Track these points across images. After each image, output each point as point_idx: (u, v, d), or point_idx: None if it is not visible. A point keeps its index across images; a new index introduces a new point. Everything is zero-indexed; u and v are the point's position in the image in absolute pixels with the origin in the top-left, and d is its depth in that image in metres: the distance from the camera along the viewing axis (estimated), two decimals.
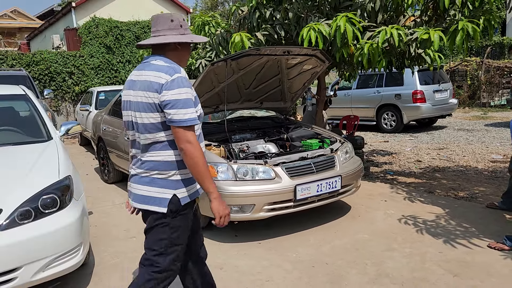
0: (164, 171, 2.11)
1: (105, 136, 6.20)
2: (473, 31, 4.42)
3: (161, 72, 2.04)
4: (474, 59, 15.82)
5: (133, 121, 2.15)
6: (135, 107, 2.11)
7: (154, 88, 2.02)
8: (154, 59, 2.12)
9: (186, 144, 2.00)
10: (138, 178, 2.16)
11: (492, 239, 3.71)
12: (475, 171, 6.26)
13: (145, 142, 2.11)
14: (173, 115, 1.98)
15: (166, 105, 1.99)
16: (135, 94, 2.11)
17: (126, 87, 2.22)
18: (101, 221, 4.68)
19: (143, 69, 2.12)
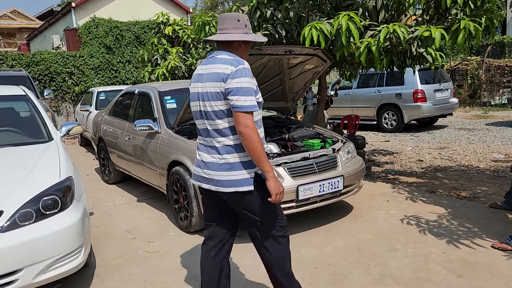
0: (241, 153, 2.33)
1: (106, 137, 6.19)
2: (475, 30, 4.40)
3: (227, 64, 2.27)
4: (475, 58, 15.80)
5: (202, 110, 2.38)
6: (204, 97, 2.35)
7: (221, 78, 2.25)
8: (219, 54, 2.37)
9: (244, 128, 2.20)
10: (219, 165, 2.35)
11: (495, 239, 3.69)
12: (477, 171, 6.24)
13: (216, 127, 2.34)
14: (235, 101, 2.21)
15: (230, 92, 2.22)
16: (203, 86, 2.36)
17: (193, 80, 2.47)
18: (102, 221, 4.66)
19: (209, 63, 2.37)
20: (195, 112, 2.46)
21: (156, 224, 4.50)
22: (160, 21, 10.35)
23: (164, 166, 4.47)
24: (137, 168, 5.28)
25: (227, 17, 2.39)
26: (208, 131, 2.38)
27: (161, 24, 10.32)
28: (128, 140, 5.38)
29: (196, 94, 2.42)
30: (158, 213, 4.85)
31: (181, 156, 4.20)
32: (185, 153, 4.18)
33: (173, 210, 4.43)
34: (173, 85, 5.50)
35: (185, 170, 4.11)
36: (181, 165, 4.20)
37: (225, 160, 2.33)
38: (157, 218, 4.70)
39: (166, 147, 4.50)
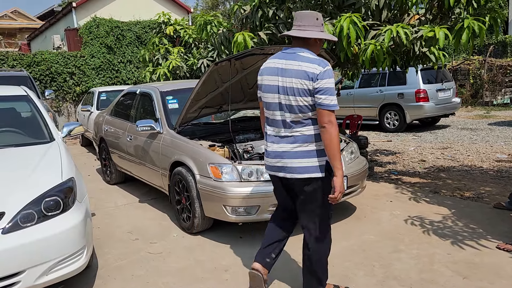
0: (316, 142, 2.53)
1: (107, 137, 6.16)
2: (479, 29, 4.37)
3: (314, 64, 2.44)
4: (477, 58, 15.76)
5: (282, 103, 2.54)
6: (288, 91, 2.50)
7: (310, 77, 2.42)
8: (301, 51, 2.52)
9: (328, 124, 2.41)
10: (294, 153, 2.54)
11: (500, 240, 3.66)
12: (480, 171, 6.21)
13: (295, 119, 2.53)
14: (323, 100, 2.41)
15: (319, 91, 2.41)
16: (285, 80, 2.51)
17: (268, 72, 2.61)
18: (104, 222, 4.64)
19: (291, 59, 2.51)
20: (270, 103, 2.61)
21: (158, 225, 4.48)
22: (161, 21, 10.33)
23: (166, 166, 4.45)
24: (138, 168, 5.26)
25: (306, 15, 2.54)
26: (286, 122, 2.56)
27: (162, 24, 10.29)
28: (130, 141, 5.35)
29: (274, 87, 2.57)
30: (160, 214, 4.83)
31: (183, 157, 4.17)
32: (187, 153, 4.16)
33: (175, 211, 4.41)
34: (175, 85, 5.48)
35: (187, 171, 4.09)
36: (183, 166, 4.17)
37: (302, 148, 2.53)
38: (159, 219, 4.68)
39: (168, 147, 4.48)
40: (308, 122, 2.53)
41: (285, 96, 2.52)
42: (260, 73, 2.70)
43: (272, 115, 2.63)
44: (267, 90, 2.63)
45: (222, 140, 4.47)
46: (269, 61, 2.67)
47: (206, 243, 3.94)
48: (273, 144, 2.64)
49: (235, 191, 3.69)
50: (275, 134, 2.63)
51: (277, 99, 2.57)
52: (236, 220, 3.83)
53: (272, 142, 2.66)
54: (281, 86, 2.54)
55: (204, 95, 4.42)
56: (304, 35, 2.50)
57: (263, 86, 2.67)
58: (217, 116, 5.24)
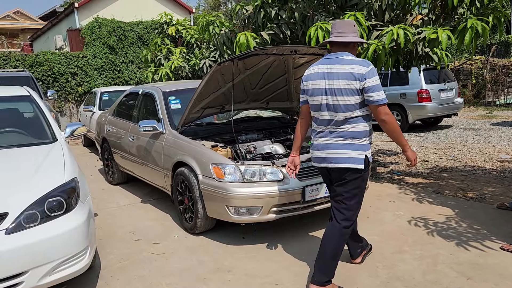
0: (358, 138, 2.81)
1: (110, 137, 6.17)
2: (483, 29, 4.36)
3: (358, 65, 2.71)
4: (479, 58, 15.72)
5: (330, 103, 2.80)
6: (335, 92, 2.77)
7: (356, 77, 2.69)
8: (343, 55, 2.80)
9: (386, 116, 2.73)
10: (340, 145, 2.82)
11: (504, 240, 3.65)
12: (483, 171, 6.19)
13: (342, 118, 2.79)
14: (375, 97, 2.69)
15: (369, 89, 2.69)
16: (332, 83, 2.77)
17: (315, 77, 2.86)
18: (107, 222, 4.64)
19: (336, 63, 2.78)
20: (317, 105, 2.88)
21: (160, 226, 4.48)
22: (163, 21, 10.33)
23: (169, 167, 4.44)
24: (141, 169, 5.26)
25: (345, 23, 2.87)
26: (333, 120, 2.83)
27: (164, 24, 10.29)
28: (132, 141, 5.35)
29: (321, 90, 2.83)
30: (162, 214, 4.82)
31: (185, 157, 4.17)
32: (189, 154, 4.15)
33: (178, 211, 4.41)
34: (177, 85, 5.47)
35: (190, 171, 4.08)
36: (186, 166, 4.17)
37: (347, 142, 2.81)
38: (161, 219, 4.68)
39: (171, 148, 4.48)
40: (354, 120, 2.78)
41: (332, 97, 2.78)
42: (305, 79, 2.96)
43: (320, 115, 2.89)
44: (312, 93, 2.89)
45: (224, 140, 4.47)
46: (313, 67, 2.93)
47: (209, 244, 3.93)
48: (320, 138, 2.92)
49: (237, 192, 3.69)
50: (322, 130, 2.91)
51: (324, 100, 2.83)
52: (239, 220, 3.82)
53: (319, 137, 2.93)
54: (328, 88, 2.79)
55: (206, 95, 4.41)
56: (346, 39, 2.79)
57: (309, 90, 2.92)
58: (220, 117, 5.23)
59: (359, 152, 2.80)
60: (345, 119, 2.79)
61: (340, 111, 2.78)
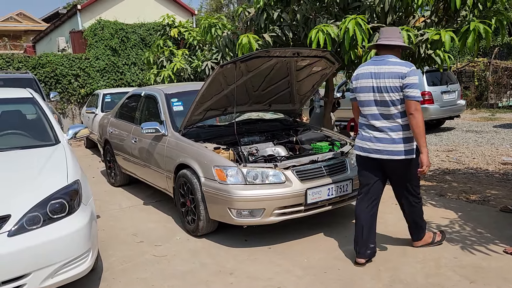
0: (406, 131, 3.17)
1: (112, 139, 6.17)
2: (485, 31, 4.35)
3: (402, 66, 3.12)
4: (482, 60, 15.69)
5: (378, 99, 3.19)
6: (382, 90, 3.16)
7: (399, 76, 3.08)
8: (389, 57, 3.20)
9: (416, 112, 3.06)
10: (391, 139, 3.19)
11: (507, 244, 3.63)
12: (486, 174, 6.17)
13: (389, 112, 3.18)
14: (411, 93, 3.07)
15: (407, 86, 3.07)
16: (379, 81, 3.17)
17: (364, 77, 3.25)
18: (109, 224, 4.64)
19: (383, 64, 3.18)
20: (366, 101, 3.26)
21: (163, 228, 4.47)
22: (165, 23, 10.35)
23: (171, 169, 4.44)
24: (143, 171, 5.26)
25: (391, 30, 3.30)
26: (382, 114, 3.21)
27: (167, 26, 10.32)
28: (135, 143, 5.36)
29: (369, 87, 3.23)
30: (164, 216, 4.82)
31: (188, 159, 4.17)
32: (192, 156, 4.15)
33: (180, 214, 4.40)
34: (180, 87, 5.48)
35: (192, 173, 4.08)
36: (188, 168, 4.16)
37: (395, 136, 3.18)
38: (163, 221, 4.68)
39: (173, 150, 4.48)
40: (399, 114, 3.17)
41: (380, 94, 3.18)
42: (355, 78, 3.34)
43: (368, 110, 3.27)
44: (362, 91, 3.28)
45: (227, 142, 4.46)
46: (361, 68, 3.32)
47: (211, 246, 3.93)
48: (369, 131, 3.28)
49: (240, 194, 3.68)
50: (371, 124, 3.27)
51: (372, 97, 3.23)
52: (241, 223, 3.82)
53: (368, 130, 3.30)
54: (375, 86, 3.20)
55: (209, 98, 4.41)
56: (393, 43, 3.22)
57: (358, 88, 3.32)
58: (222, 119, 5.24)
59: (410, 144, 3.20)
60: (392, 114, 3.17)
61: (387, 106, 3.17)
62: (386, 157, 3.22)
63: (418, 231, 3.61)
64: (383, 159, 3.25)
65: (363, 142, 3.35)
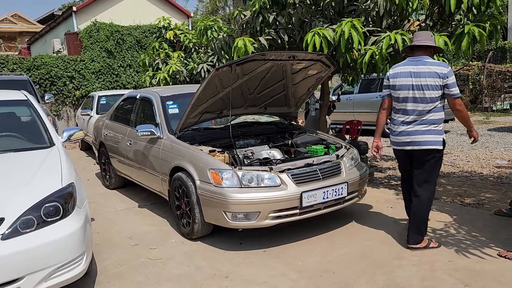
0: (437, 124, 3.55)
1: (107, 141, 6.15)
2: (480, 35, 4.39)
3: (440, 66, 3.49)
4: (476, 64, 15.80)
5: (416, 96, 3.54)
6: (421, 88, 3.51)
7: (440, 76, 3.46)
8: (425, 58, 3.57)
9: (461, 106, 3.55)
10: (424, 131, 3.54)
11: (501, 247, 3.65)
12: (480, 177, 6.20)
13: (426, 108, 3.53)
14: (453, 91, 3.48)
15: (449, 85, 3.46)
16: (418, 80, 3.52)
17: (403, 76, 3.60)
18: (103, 227, 4.62)
19: (422, 64, 3.54)
20: (404, 97, 3.60)
21: (158, 231, 4.46)
22: (161, 26, 10.36)
23: (166, 171, 4.43)
24: (138, 173, 5.24)
25: (425, 33, 3.68)
26: (418, 110, 3.55)
27: (162, 28, 10.32)
28: (130, 145, 5.34)
29: (407, 85, 3.57)
30: (159, 219, 4.81)
31: (183, 162, 4.16)
32: (187, 159, 4.15)
33: (175, 217, 4.39)
34: (175, 90, 5.47)
35: (187, 176, 4.07)
36: (183, 171, 4.16)
37: (429, 128, 3.53)
38: (158, 224, 4.66)
39: (168, 152, 4.47)
40: (435, 109, 3.52)
41: (419, 91, 3.52)
42: (392, 77, 3.68)
43: (404, 106, 3.61)
44: (401, 88, 3.61)
45: (222, 145, 4.46)
46: (400, 67, 3.65)
47: (206, 249, 3.92)
48: (404, 125, 3.62)
49: (235, 197, 3.68)
50: (406, 119, 3.60)
51: (411, 94, 3.55)
52: (236, 226, 3.81)
53: (402, 125, 3.63)
54: (414, 84, 3.53)
55: (204, 100, 4.41)
56: (428, 43, 3.57)
57: (396, 86, 3.64)
58: (217, 122, 5.23)
59: (438, 136, 3.55)
60: (429, 110, 3.52)
61: (426, 102, 3.51)
62: (416, 148, 3.57)
63: (417, 234, 3.72)
64: (414, 150, 3.60)
65: (397, 138, 3.70)
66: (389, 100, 3.77)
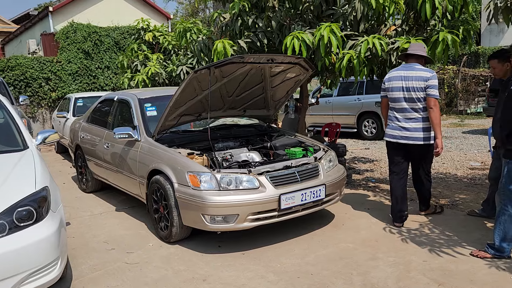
0: (426, 122, 4.07)
1: (84, 144, 6.05)
2: (453, 41, 4.51)
3: (426, 72, 4.05)
4: (451, 68, 16.19)
5: (406, 97, 4.09)
6: (409, 89, 4.06)
7: (424, 79, 4.01)
8: (415, 65, 4.13)
9: (435, 106, 4.00)
10: (415, 128, 4.09)
11: (474, 247, 3.74)
12: (454, 178, 6.35)
13: (415, 106, 4.07)
14: (431, 92, 3.99)
15: (429, 87, 3.99)
16: (409, 83, 4.06)
17: (395, 79, 4.16)
18: (79, 232, 4.54)
19: (411, 70, 4.10)
20: (397, 97, 4.15)
21: (135, 235, 4.40)
22: (140, 27, 10.25)
23: (144, 174, 4.39)
24: (116, 176, 5.17)
25: (418, 44, 4.24)
26: (409, 109, 4.10)
27: (141, 30, 10.22)
28: (107, 148, 5.27)
29: (399, 87, 4.13)
30: (137, 223, 4.75)
31: (161, 165, 4.13)
32: (165, 161, 4.11)
33: (153, 220, 4.35)
34: (154, 92, 5.43)
35: (166, 179, 4.04)
36: (161, 174, 4.12)
37: (419, 125, 4.08)
38: (136, 228, 4.61)
39: (146, 155, 4.43)
40: (422, 109, 4.06)
41: (408, 92, 4.07)
42: (388, 80, 4.24)
43: (399, 105, 4.15)
44: (393, 90, 4.17)
45: (201, 148, 4.44)
46: (394, 72, 4.21)
47: (184, 252, 3.89)
48: (399, 122, 4.16)
49: (213, 200, 3.67)
50: (401, 116, 4.15)
51: (402, 94, 4.10)
52: (215, 229, 3.80)
53: (398, 121, 4.17)
54: (404, 86, 4.09)
55: (183, 103, 4.39)
56: (419, 53, 4.14)
57: (390, 88, 4.21)
58: (196, 124, 5.21)
59: (430, 133, 4.09)
60: (417, 108, 4.06)
61: (413, 102, 4.06)
62: (411, 142, 4.11)
63: (425, 203, 4.58)
64: (409, 144, 4.13)
65: (392, 131, 4.23)
66: (386, 100, 4.34)
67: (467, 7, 4.84)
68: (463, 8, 4.86)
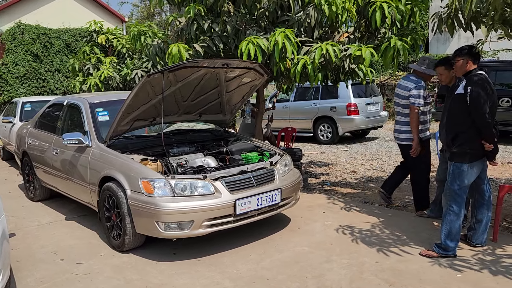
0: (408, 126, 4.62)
1: (31, 151, 5.77)
2: (403, 48, 4.69)
3: (410, 82, 4.62)
4: (402, 74, 16.85)
5: (397, 102, 4.74)
6: (399, 96, 4.72)
7: (407, 89, 4.62)
8: (411, 75, 4.72)
9: (412, 113, 4.54)
10: (400, 131, 4.75)
11: (423, 246, 3.88)
12: (405, 181, 6.54)
13: (402, 111, 4.71)
14: (412, 100, 4.54)
15: (411, 95, 4.54)
16: (398, 91, 4.72)
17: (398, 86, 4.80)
18: (26, 243, 4.31)
19: (404, 79, 4.73)
20: (395, 102, 4.84)
21: (86, 244, 4.24)
22: (92, 29, 9.94)
23: (95, 182, 4.24)
24: (65, 184, 4.96)
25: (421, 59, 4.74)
26: (398, 112, 4.77)
27: (94, 32, 9.90)
28: (56, 155, 5.05)
29: (396, 94, 4.79)
30: (88, 232, 4.58)
31: (113, 171, 4.00)
32: (117, 168, 4.00)
33: (105, 228, 4.20)
34: (106, 96, 5.28)
35: (118, 186, 3.92)
36: (114, 181, 4.00)
37: (402, 128, 4.71)
38: (87, 237, 4.43)
39: (98, 162, 4.28)
40: (406, 114, 4.63)
41: (397, 99, 4.75)
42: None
43: (395, 109, 4.85)
44: (395, 96, 4.83)
45: (155, 153, 4.35)
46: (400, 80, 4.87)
47: (138, 261, 3.79)
48: (395, 124, 4.87)
49: (167, 206, 3.60)
50: (395, 119, 4.86)
51: (396, 100, 4.78)
52: (169, 236, 3.73)
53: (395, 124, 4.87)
54: (396, 93, 4.77)
55: (136, 107, 4.28)
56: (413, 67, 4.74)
57: (395, 93, 4.85)
58: (151, 129, 5.10)
59: (410, 135, 4.61)
60: (403, 113, 4.69)
61: (399, 107, 4.73)
62: (397, 142, 4.88)
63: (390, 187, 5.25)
64: (397, 143, 4.90)
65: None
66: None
67: (415, 17, 5.06)
68: (411, 18, 5.08)
